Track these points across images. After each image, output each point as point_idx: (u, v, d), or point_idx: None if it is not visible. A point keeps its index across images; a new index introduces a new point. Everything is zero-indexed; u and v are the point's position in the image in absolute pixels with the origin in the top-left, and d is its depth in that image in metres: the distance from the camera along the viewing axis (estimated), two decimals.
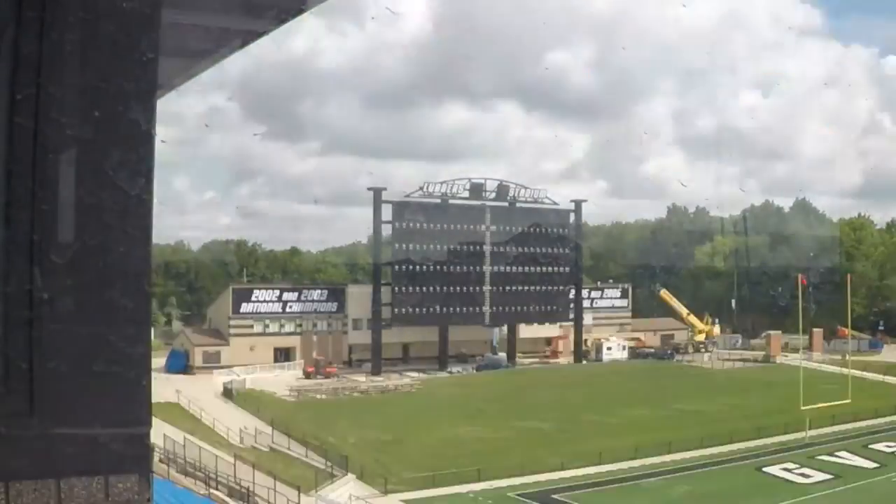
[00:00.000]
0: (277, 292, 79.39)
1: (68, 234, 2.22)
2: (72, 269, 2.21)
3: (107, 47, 2.27)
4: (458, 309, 78.93)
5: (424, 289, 78.16)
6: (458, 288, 79.50)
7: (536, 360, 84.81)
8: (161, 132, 2.36)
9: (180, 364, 71.42)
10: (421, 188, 79.48)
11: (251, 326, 76.61)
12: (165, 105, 2.87)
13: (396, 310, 77.64)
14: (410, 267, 78.29)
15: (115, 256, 2.26)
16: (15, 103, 2.18)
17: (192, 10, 2.80)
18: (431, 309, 77.65)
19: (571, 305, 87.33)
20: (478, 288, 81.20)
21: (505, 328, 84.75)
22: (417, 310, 77.28)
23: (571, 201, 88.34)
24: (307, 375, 72.25)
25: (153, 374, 2.46)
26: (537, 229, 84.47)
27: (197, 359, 73.98)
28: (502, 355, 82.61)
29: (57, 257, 2.19)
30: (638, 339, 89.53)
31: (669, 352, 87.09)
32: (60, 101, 2.21)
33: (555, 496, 46.24)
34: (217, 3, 2.86)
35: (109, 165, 2.26)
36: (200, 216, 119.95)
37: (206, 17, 2.82)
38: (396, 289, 78.12)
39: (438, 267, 78.97)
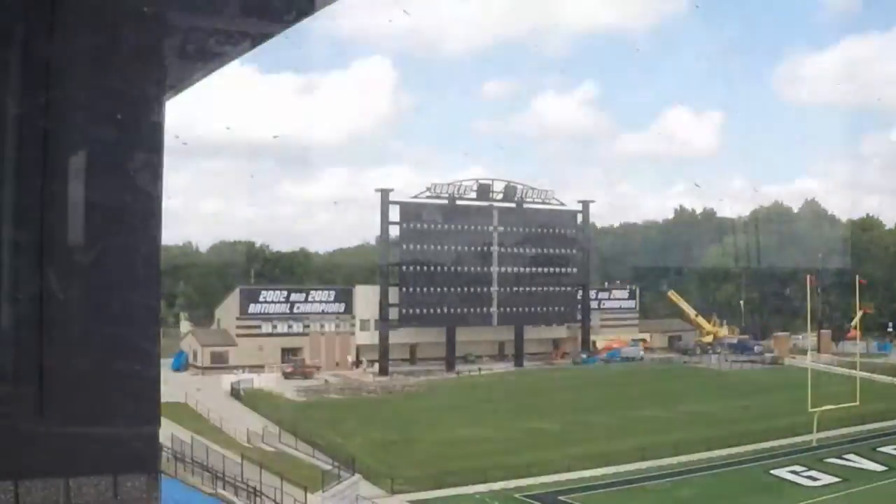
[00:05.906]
0: (285, 293, 79.34)
1: (78, 235, 2.23)
2: (82, 270, 2.22)
3: (116, 49, 2.28)
4: (465, 310, 78.83)
5: (432, 290, 78.10)
6: (465, 289, 79.44)
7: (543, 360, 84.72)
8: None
9: (179, 363, 72.71)
10: (428, 189, 79.36)
11: (259, 327, 76.67)
12: (175, 107, 2.88)
13: (404, 311, 77.58)
14: (418, 268, 78.23)
15: (125, 257, 2.27)
16: (25, 105, 2.19)
17: (200, 11, 2.81)
18: (439, 310, 77.56)
19: (579, 307, 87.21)
20: (485, 289, 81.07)
21: None
22: (425, 311, 77.21)
23: (579, 202, 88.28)
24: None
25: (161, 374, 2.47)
26: (545, 230, 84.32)
27: (205, 359, 74.11)
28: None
29: (67, 258, 2.20)
30: (643, 340, 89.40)
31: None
32: (70, 104, 2.22)
33: (561, 497, 46.13)
34: (226, 4, 2.87)
35: (119, 167, 2.27)
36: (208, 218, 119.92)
37: (215, 18, 2.83)
38: (404, 290, 78.05)
39: (446, 268, 78.88)
